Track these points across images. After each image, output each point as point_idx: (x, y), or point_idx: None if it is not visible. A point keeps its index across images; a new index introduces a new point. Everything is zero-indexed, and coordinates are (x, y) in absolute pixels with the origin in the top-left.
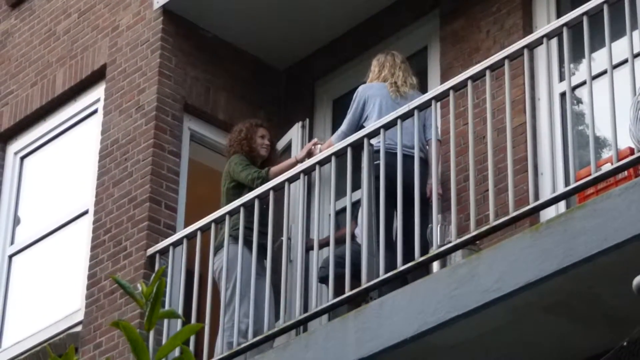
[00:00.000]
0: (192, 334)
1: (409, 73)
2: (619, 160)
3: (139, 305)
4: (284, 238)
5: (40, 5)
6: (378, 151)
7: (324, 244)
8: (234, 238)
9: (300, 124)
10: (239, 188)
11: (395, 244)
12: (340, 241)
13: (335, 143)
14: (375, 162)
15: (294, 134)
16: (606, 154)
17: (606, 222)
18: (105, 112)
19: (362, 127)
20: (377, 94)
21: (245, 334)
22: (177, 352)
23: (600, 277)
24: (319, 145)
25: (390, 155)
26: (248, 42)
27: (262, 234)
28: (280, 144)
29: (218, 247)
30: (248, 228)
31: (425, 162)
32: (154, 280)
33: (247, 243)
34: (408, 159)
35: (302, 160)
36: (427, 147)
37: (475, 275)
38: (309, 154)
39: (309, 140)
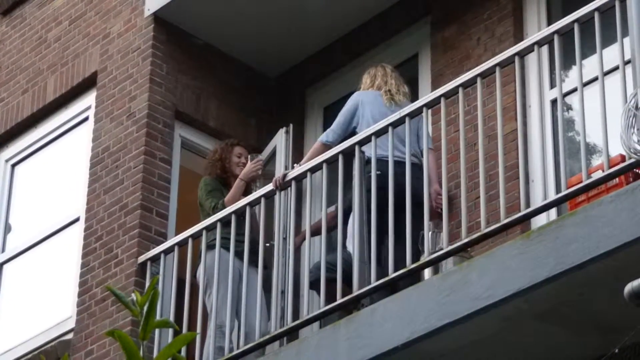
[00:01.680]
0: (186, 343)
1: (401, 82)
2: (610, 167)
3: (133, 314)
4: (273, 242)
5: (31, 12)
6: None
7: (312, 231)
8: (221, 246)
9: (284, 129)
10: None
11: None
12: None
13: (323, 140)
14: (369, 174)
15: (279, 140)
16: (597, 161)
17: (597, 229)
18: (96, 119)
19: (353, 131)
20: (371, 101)
21: (229, 337)
22: None
23: (591, 285)
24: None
25: (385, 164)
26: (239, 50)
27: (240, 242)
28: (266, 151)
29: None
30: (226, 238)
31: (420, 168)
32: (148, 290)
33: (228, 250)
34: (403, 165)
35: (248, 180)
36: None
37: (466, 282)
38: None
39: (293, 146)
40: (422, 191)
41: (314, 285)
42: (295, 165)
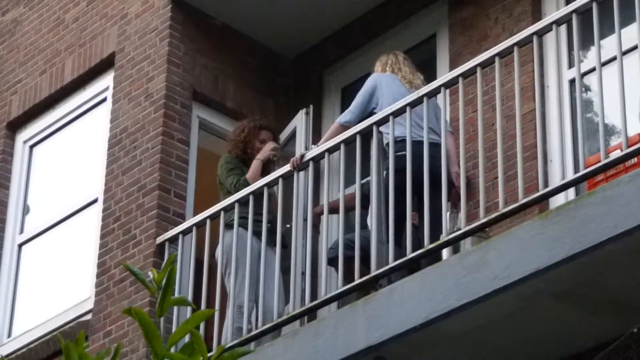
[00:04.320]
0: (203, 320)
1: (414, 69)
2: (628, 146)
3: (150, 292)
4: (290, 224)
5: None
6: (395, 142)
7: (331, 208)
8: (238, 226)
9: (304, 110)
10: None
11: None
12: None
13: (341, 121)
14: (397, 154)
15: (298, 121)
16: (615, 140)
17: (615, 209)
18: (114, 100)
19: (371, 112)
20: (390, 82)
21: (249, 318)
22: (187, 338)
23: (609, 264)
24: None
25: (406, 144)
26: (257, 30)
27: (259, 222)
28: (286, 132)
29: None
30: (244, 217)
31: (440, 147)
32: (165, 267)
33: (249, 230)
34: (423, 145)
35: (264, 160)
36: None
37: (484, 262)
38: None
39: (313, 128)
40: (441, 170)
41: (332, 262)
42: (312, 146)
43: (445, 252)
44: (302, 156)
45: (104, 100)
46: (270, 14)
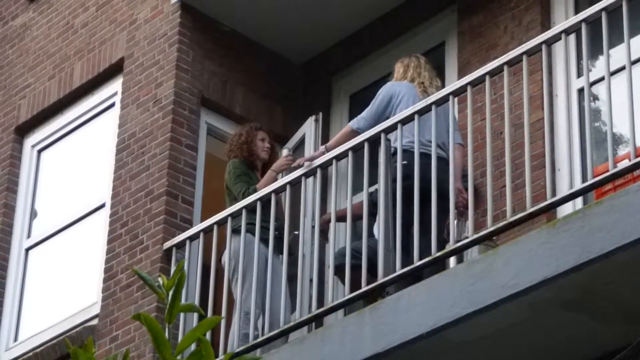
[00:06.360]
0: (211, 327)
1: (434, 74)
2: (636, 156)
3: (159, 297)
4: (298, 232)
5: None
6: (401, 151)
7: (339, 217)
8: (241, 232)
9: (313, 117)
10: None
11: (412, 241)
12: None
13: (353, 126)
14: (395, 164)
15: (308, 128)
16: (624, 150)
17: (623, 218)
18: (122, 105)
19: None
20: (405, 92)
21: (255, 324)
22: (193, 345)
23: (617, 274)
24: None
25: (412, 154)
26: (265, 36)
27: (266, 229)
28: (294, 139)
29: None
30: (251, 224)
31: (446, 161)
32: (175, 273)
33: (256, 236)
34: (429, 157)
35: (279, 172)
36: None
37: (491, 271)
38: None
39: (322, 135)
40: (446, 184)
41: (338, 271)
42: (322, 147)
43: (452, 261)
44: (313, 158)
45: (113, 105)
46: (279, 20)
